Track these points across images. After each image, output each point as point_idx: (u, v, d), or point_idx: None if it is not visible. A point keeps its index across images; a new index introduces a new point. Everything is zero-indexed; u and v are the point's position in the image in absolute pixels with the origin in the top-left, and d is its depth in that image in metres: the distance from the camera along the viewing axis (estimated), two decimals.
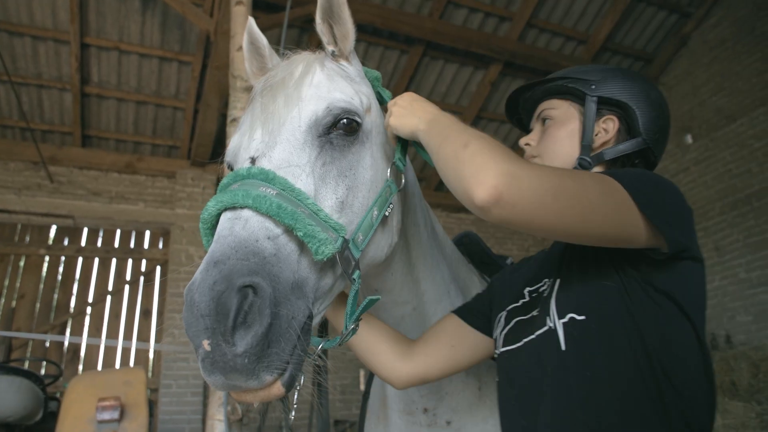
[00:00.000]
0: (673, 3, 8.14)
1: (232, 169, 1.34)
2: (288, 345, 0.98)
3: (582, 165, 1.39)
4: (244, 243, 1.00)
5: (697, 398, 1.15)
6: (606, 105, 1.44)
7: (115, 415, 3.40)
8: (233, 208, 1.08)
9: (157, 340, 7.48)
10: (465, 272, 1.91)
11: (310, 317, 1.06)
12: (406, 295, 1.62)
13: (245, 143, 1.27)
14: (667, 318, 1.16)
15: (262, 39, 1.54)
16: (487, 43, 7.58)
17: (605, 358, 1.14)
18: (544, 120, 1.51)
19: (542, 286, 1.36)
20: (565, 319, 1.19)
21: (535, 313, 1.31)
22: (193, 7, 5.68)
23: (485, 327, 1.52)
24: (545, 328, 1.23)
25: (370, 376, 2.10)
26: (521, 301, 1.40)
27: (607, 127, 1.44)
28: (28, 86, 7.00)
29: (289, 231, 1.07)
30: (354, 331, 1.26)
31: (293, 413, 1.29)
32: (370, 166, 1.31)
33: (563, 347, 1.18)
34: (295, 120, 1.23)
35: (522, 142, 1.53)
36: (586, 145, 1.42)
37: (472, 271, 1.96)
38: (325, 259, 1.08)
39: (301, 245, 1.08)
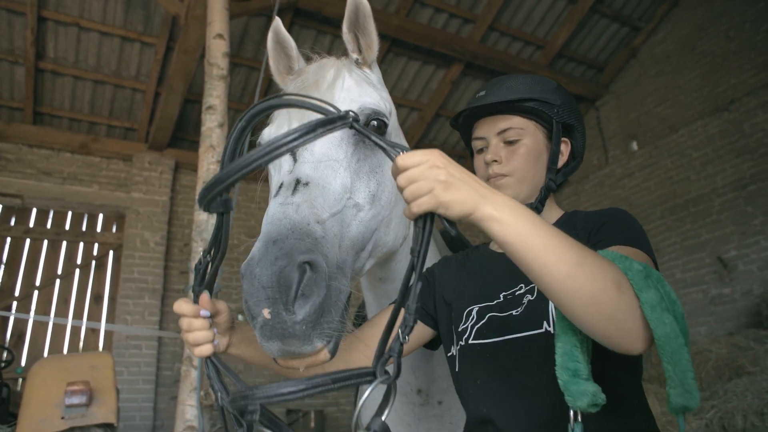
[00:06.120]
0: (625, 16, 8.59)
1: None
2: (337, 315, 1.08)
3: (550, 188, 1.47)
4: (298, 225, 1.10)
5: None
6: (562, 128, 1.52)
7: (84, 399, 3.36)
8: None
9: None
10: None
11: (350, 294, 1.18)
12: None
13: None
14: None
15: (290, 40, 1.62)
16: (450, 43, 7.77)
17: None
18: (508, 138, 1.51)
19: (518, 290, 1.39)
20: None
21: (515, 312, 1.35)
22: None
23: (429, 321, 1.56)
24: (540, 330, 1.27)
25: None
26: (495, 302, 1.42)
27: (563, 150, 1.52)
28: None
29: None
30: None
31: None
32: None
33: None
34: None
35: (489, 158, 1.51)
36: (554, 167, 1.48)
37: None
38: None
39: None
